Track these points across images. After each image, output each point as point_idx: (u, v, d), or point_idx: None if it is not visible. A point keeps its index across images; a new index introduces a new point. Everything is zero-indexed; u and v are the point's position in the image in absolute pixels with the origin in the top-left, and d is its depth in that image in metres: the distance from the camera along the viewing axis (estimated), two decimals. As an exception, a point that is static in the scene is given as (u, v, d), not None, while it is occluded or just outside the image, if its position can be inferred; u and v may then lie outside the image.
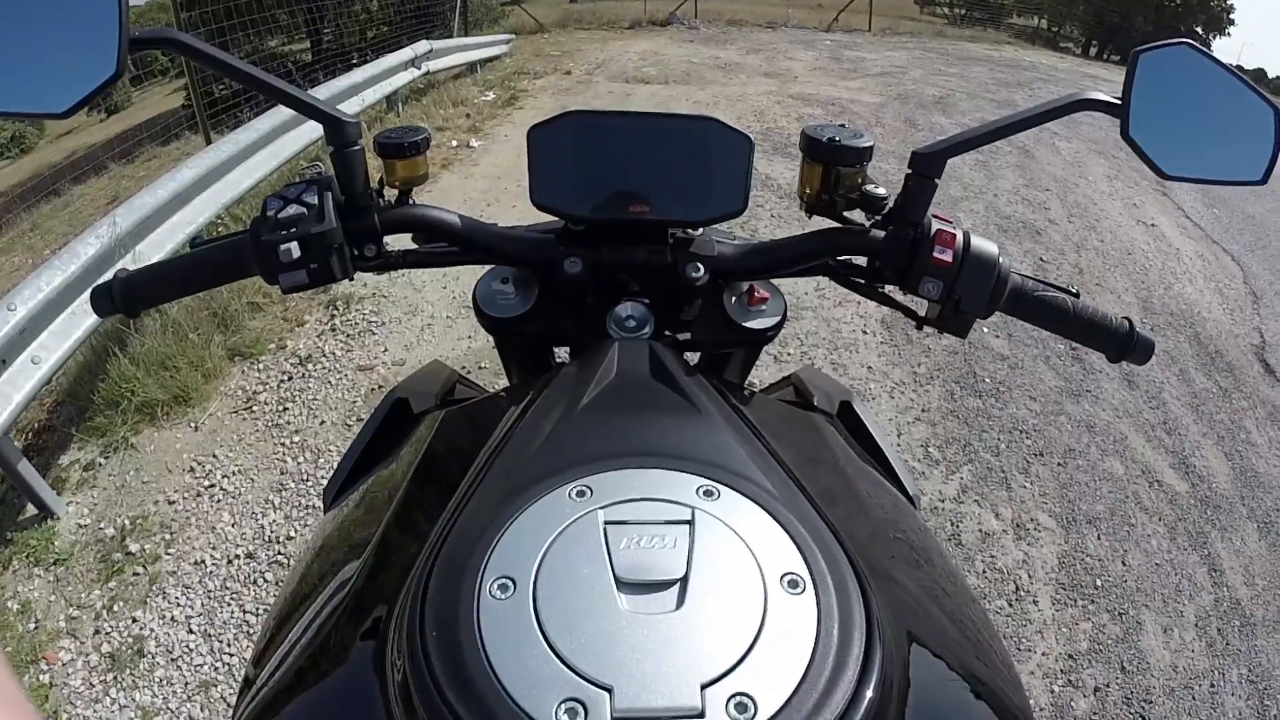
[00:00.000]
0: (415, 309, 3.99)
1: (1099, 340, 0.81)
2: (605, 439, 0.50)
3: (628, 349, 0.63)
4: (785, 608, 0.38)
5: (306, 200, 0.73)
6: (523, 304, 0.84)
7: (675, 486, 0.45)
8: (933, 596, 0.56)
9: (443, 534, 0.44)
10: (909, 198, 0.76)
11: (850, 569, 0.41)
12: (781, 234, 2.67)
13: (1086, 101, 0.75)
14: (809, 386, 0.93)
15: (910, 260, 0.76)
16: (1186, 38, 0.77)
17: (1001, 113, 6.51)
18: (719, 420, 0.53)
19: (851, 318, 4.05)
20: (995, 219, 5.72)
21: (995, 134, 0.76)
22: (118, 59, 0.66)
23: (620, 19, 15.66)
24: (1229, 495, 3.44)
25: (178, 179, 3.72)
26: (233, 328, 3.68)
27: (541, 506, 0.43)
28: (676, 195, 0.81)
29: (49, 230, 6.13)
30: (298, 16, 9.71)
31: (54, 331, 2.80)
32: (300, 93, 0.73)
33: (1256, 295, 5.53)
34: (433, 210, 0.81)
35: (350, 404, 3.33)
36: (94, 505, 2.84)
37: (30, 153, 12.94)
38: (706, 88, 9.35)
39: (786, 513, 0.44)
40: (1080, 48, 25.49)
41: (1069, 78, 13.61)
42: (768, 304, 0.85)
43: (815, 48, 13.39)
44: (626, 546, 0.41)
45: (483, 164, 6.18)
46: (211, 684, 2.22)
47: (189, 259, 0.78)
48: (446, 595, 0.39)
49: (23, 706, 0.40)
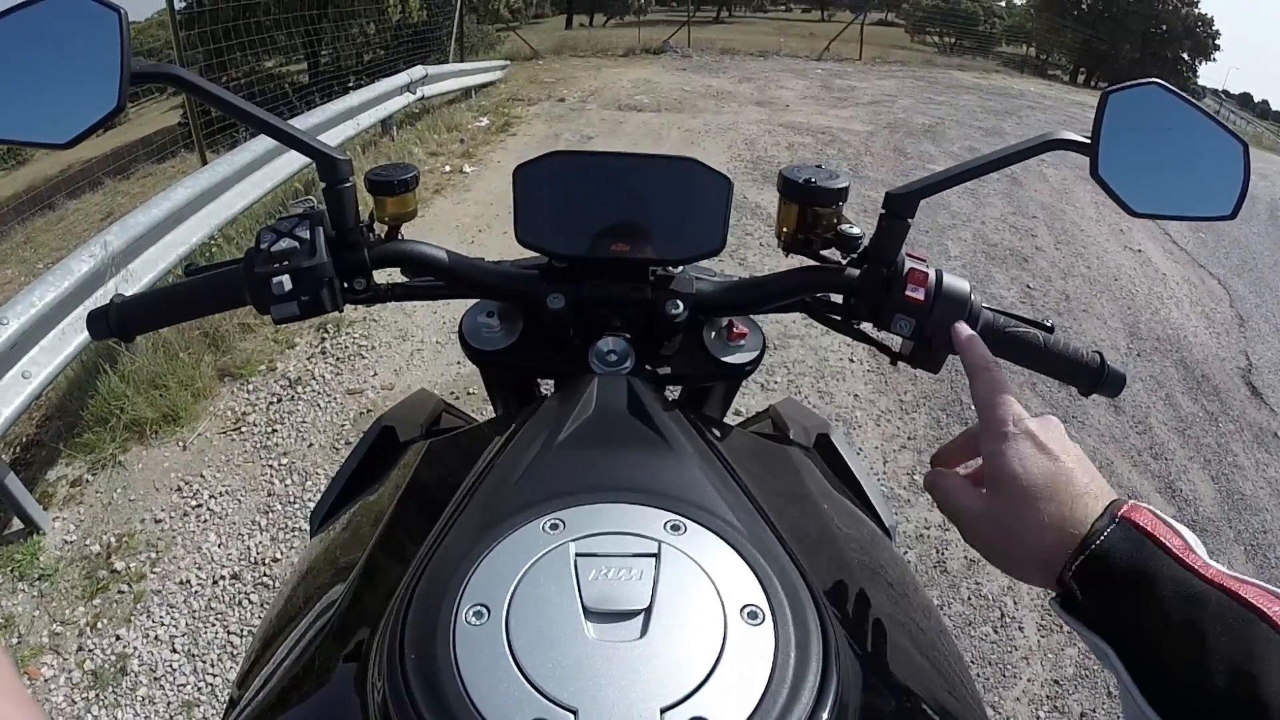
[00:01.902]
0: (405, 334, 4.01)
1: (1070, 374, 0.83)
2: (580, 474, 0.52)
3: (606, 384, 0.65)
4: (744, 637, 0.40)
5: (299, 234, 0.74)
6: (507, 337, 0.86)
7: (644, 521, 0.47)
8: (899, 626, 0.58)
9: (423, 562, 0.46)
10: (882, 237, 0.78)
11: (810, 601, 0.43)
12: (770, 260, 2.67)
13: (1057, 141, 0.76)
14: (786, 419, 0.95)
15: (884, 298, 0.78)
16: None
17: (989, 140, 6.57)
18: (690, 456, 0.55)
19: (838, 346, 4.08)
20: (983, 246, 5.77)
21: (967, 175, 0.77)
22: (119, 92, 0.68)
23: (614, 47, 15.83)
24: (1215, 519, 3.46)
25: (172, 198, 3.74)
26: (223, 348, 3.69)
27: (517, 538, 0.45)
28: (657, 234, 0.83)
29: (43, 244, 6.12)
30: (295, 39, 9.76)
31: (45, 347, 2.80)
32: (295, 130, 0.75)
33: (1243, 319, 5.58)
34: (421, 246, 0.83)
35: (339, 427, 3.33)
36: (80, 521, 2.83)
37: (26, 165, 12.91)
38: (699, 116, 9.44)
39: (750, 547, 0.46)
40: (1068, 75, 25.85)
41: (1056, 105, 13.78)
42: (746, 339, 0.87)
43: (806, 76, 13.54)
44: (595, 578, 0.42)
45: (475, 190, 6.21)
46: (194, 704, 2.21)
47: (185, 287, 0.80)
48: (425, 621, 0.41)
49: (24, 699, 0.42)
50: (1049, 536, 0.48)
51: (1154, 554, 0.43)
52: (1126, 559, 0.44)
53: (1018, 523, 0.50)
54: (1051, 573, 0.48)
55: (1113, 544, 0.45)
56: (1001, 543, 0.52)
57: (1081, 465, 0.51)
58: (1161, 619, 0.41)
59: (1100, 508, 0.47)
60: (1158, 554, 0.43)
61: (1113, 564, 0.44)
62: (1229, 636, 0.39)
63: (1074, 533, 0.47)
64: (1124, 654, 0.43)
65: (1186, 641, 0.40)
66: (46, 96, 0.69)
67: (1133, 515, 0.46)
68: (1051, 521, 0.48)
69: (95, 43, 0.68)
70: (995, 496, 0.53)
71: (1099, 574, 0.45)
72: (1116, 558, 0.44)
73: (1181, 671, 0.40)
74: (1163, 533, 0.44)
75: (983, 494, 0.54)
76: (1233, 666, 0.38)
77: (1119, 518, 0.46)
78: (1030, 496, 0.50)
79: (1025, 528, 0.50)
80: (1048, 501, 0.49)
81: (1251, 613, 0.39)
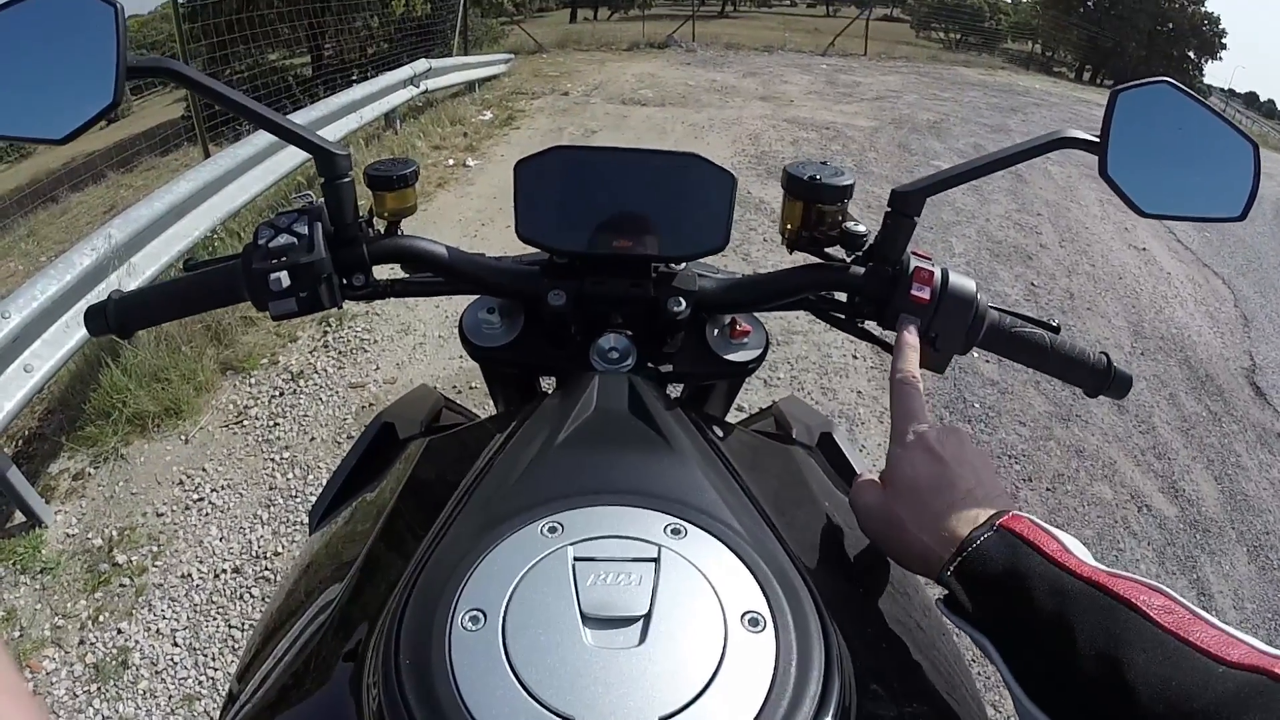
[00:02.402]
0: (408, 328, 4.00)
1: (1077, 376, 0.82)
2: (579, 475, 0.51)
3: (607, 382, 0.65)
4: (745, 645, 0.39)
5: (297, 230, 0.74)
6: (508, 334, 0.85)
7: (644, 524, 0.46)
8: (902, 630, 0.57)
9: (420, 564, 0.46)
10: (888, 235, 0.77)
11: (813, 607, 0.43)
12: (774, 255, 2.65)
13: (1066, 140, 0.75)
14: (789, 418, 0.94)
15: (888, 297, 0.77)
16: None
17: (994, 137, 6.55)
18: (692, 457, 0.54)
19: (841, 342, 4.07)
20: (987, 244, 5.76)
21: (974, 173, 0.77)
22: (115, 87, 0.67)
23: (618, 41, 15.80)
24: (1218, 519, 3.46)
25: (175, 192, 3.74)
26: (225, 342, 3.69)
27: (514, 541, 0.44)
28: (659, 231, 0.82)
29: (45, 237, 6.12)
30: (299, 31, 9.74)
31: (47, 340, 2.81)
32: (293, 124, 0.75)
33: (1247, 319, 5.57)
34: (421, 241, 0.83)
35: (340, 421, 3.33)
36: (82, 515, 2.83)
37: (29, 158, 12.92)
38: (703, 110, 9.41)
39: (752, 551, 0.45)
40: (1074, 72, 25.75)
41: (1062, 102, 13.74)
42: (749, 337, 0.86)
43: (811, 72, 13.50)
44: (593, 583, 0.42)
45: (478, 183, 6.21)
46: (195, 698, 2.21)
47: (182, 283, 0.79)
48: (420, 625, 0.40)
49: (24, 695, 0.41)
50: (928, 536, 0.52)
51: (1027, 555, 0.46)
52: (1001, 561, 0.47)
53: (904, 519, 0.55)
54: (932, 568, 0.52)
55: (989, 548, 0.48)
56: (888, 535, 0.57)
57: (972, 474, 0.55)
58: (1033, 614, 0.44)
59: (984, 516, 0.50)
60: (1031, 555, 0.46)
61: (989, 565, 0.47)
62: (1095, 626, 0.41)
63: (954, 535, 0.50)
64: (1002, 648, 0.46)
65: (1057, 633, 0.42)
66: (42, 91, 0.68)
67: (1011, 524, 0.48)
68: (932, 522, 0.53)
69: (91, 37, 0.67)
70: (891, 495, 0.57)
71: (976, 574, 0.48)
72: (992, 560, 0.47)
73: (1053, 662, 0.42)
74: (1039, 538, 0.47)
75: (884, 492, 0.58)
76: (1099, 653, 0.40)
77: (997, 526, 0.49)
78: (916, 497, 0.55)
79: (908, 525, 0.54)
80: (931, 503, 0.54)
81: (1119, 602, 0.42)
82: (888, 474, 0.59)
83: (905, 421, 0.61)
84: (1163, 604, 0.41)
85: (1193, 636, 0.39)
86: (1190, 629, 0.40)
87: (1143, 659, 0.39)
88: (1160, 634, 0.40)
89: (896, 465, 0.58)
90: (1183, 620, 0.40)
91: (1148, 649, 0.39)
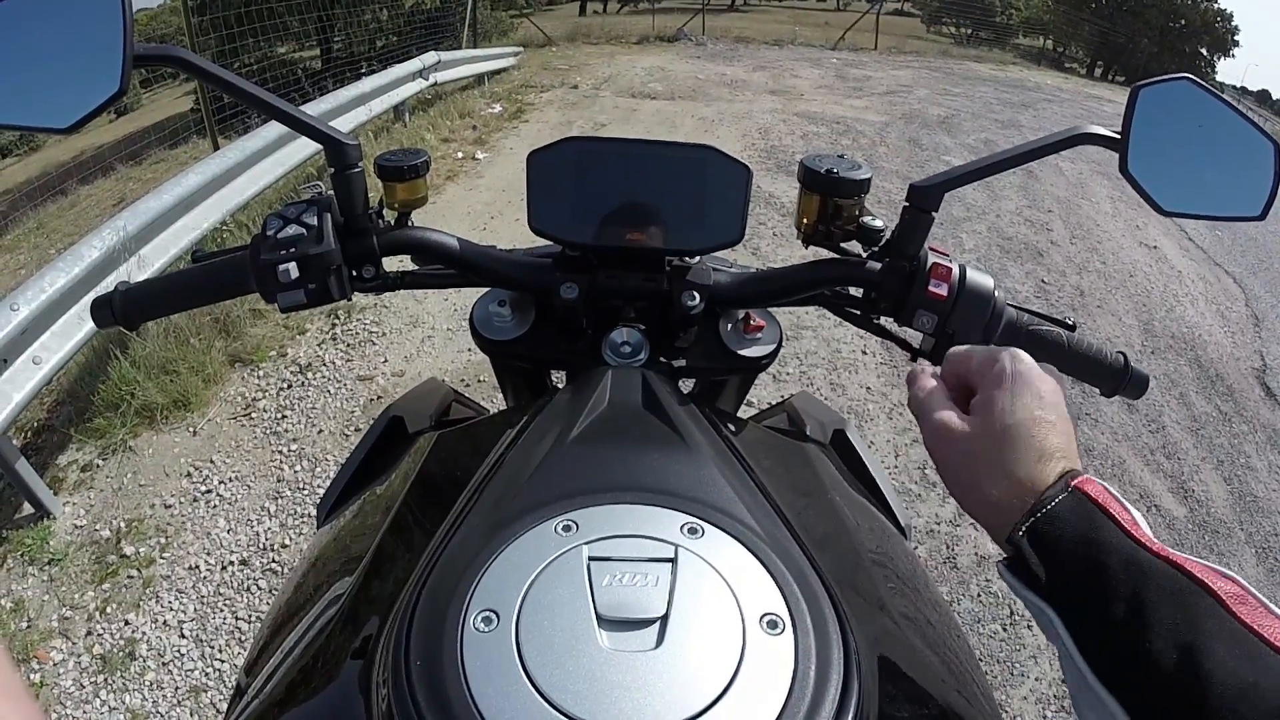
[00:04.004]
0: (416, 320, 4.00)
1: (1094, 375, 0.81)
2: (593, 472, 0.51)
3: (620, 377, 0.64)
4: (763, 648, 0.39)
5: (306, 221, 0.73)
6: (519, 327, 0.85)
7: (660, 523, 0.45)
8: (915, 629, 0.57)
9: (430, 562, 0.45)
10: (905, 230, 0.76)
11: (831, 609, 0.42)
12: (784, 250, 2.63)
13: (1085, 136, 0.74)
14: (802, 415, 0.93)
15: (905, 293, 0.77)
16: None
17: (1005, 133, 6.50)
18: (707, 454, 0.54)
19: (851, 338, 4.05)
20: (998, 240, 5.73)
21: (993, 168, 0.76)
22: (122, 75, 0.66)
23: (628, 34, 15.76)
24: (1227, 520, 3.43)
25: (184, 184, 3.74)
26: (234, 334, 3.69)
27: (527, 540, 0.44)
28: (673, 223, 0.81)
29: (54, 230, 6.14)
30: (308, 24, 9.74)
31: (56, 332, 2.81)
32: (302, 114, 0.74)
33: (1258, 318, 5.53)
34: (431, 233, 0.82)
35: (349, 414, 3.33)
36: (90, 506, 2.84)
37: (39, 151, 12.97)
38: (712, 104, 9.39)
39: (769, 551, 0.44)
40: (1085, 68, 25.59)
41: (1074, 98, 13.66)
42: (763, 332, 0.86)
43: (821, 65, 13.45)
44: (609, 583, 0.41)
45: (487, 176, 6.20)
46: (202, 689, 2.21)
47: (189, 275, 0.79)
48: (432, 625, 0.40)
49: (22, 698, 0.41)
50: (1007, 485, 0.48)
51: (1103, 523, 0.44)
52: (1075, 526, 0.44)
53: (988, 459, 0.50)
54: (1000, 524, 0.48)
55: (1062, 511, 0.45)
56: (968, 475, 0.52)
57: (1063, 429, 0.51)
58: (1107, 587, 0.42)
59: (1056, 473, 0.48)
60: (1106, 524, 0.44)
61: (1061, 530, 0.45)
62: (1173, 608, 0.39)
63: (1030, 489, 0.47)
64: (1068, 621, 0.43)
65: (1131, 610, 0.40)
66: (47, 80, 0.68)
67: (1084, 486, 0.46)
68: (1015, 470, 0.48)
69: (97, 25, 0.67)
70: (976, 427, 0.52)
71: (1047, 538, 0.45)
72: (1065, 524, 0.45)
73: (1125, 640, 0.40)
74: (1112, 506, 0.45)
75: (965, 418, 0.54)
76: (1177, 638, 0.38)
77: (1071, 486, 0.46)
78: (1008, 438, 0.50)
79: (993, 468, 0.50)
80: (1021, 450, 0.49)
81: (1198, 586, 0.40)
82: (982, 400, 0.53)
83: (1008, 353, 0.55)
84: (1236, 592, 0.39)
85: (1266, 631, 0.38)
86: (1263, 622, 0.38)
87: (1220, 649, 0.37)
88: (1237, 626, 0.38)
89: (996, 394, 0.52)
90: (1256, 612, 0.39)
91: (1225, 640, 0.37)
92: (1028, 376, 0.52)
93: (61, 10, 0.67)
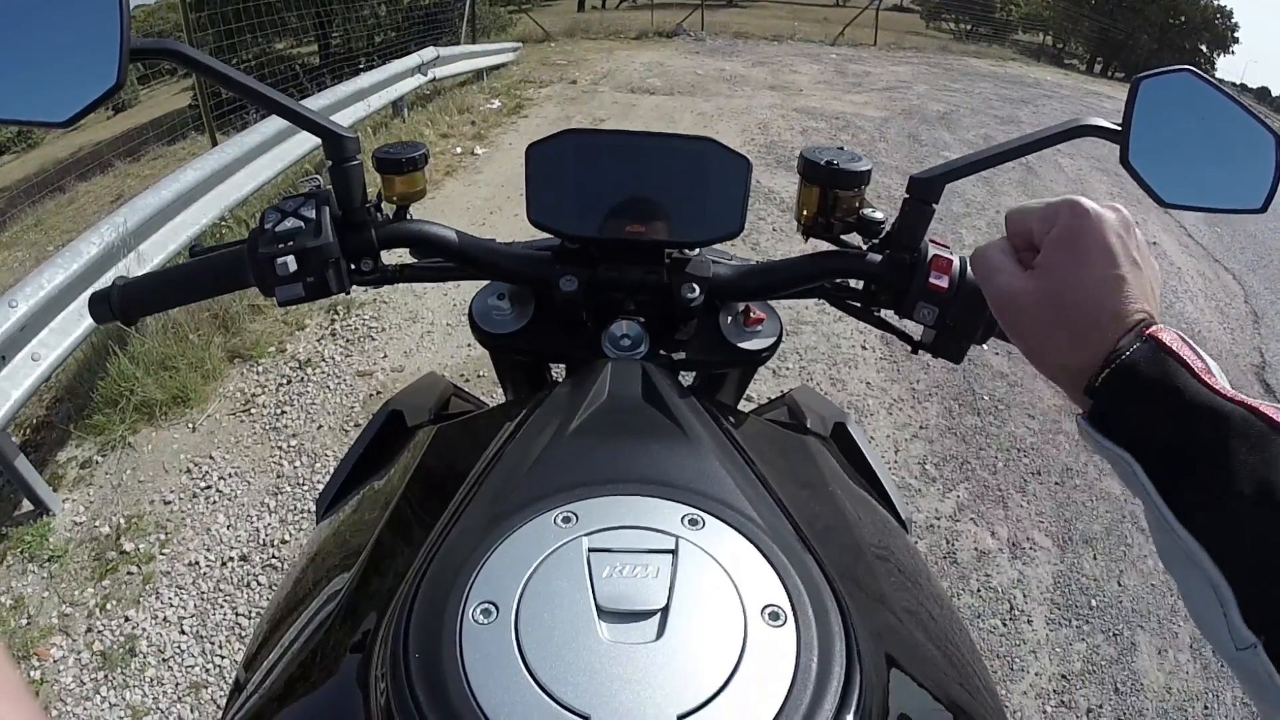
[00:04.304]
0: (415, 315, 4.00)
1: None
2: (593, 464, 0.50)
3: (620, 369, 0.63)
4: (765, 640, 0.38)
5: (304, 214, 0.73)
6: (518, 320, 0.84)
7: (660, 514, 0.45)
8: (918, 622, 0.56)
9: (429, 555, 0.45)
10: (906, 222, 0.76)
11: (833, 600, 0.41)
12: (783, 245, 2.62)
13: (1086, 128, 0.74)
14: (803, 408, 0.93)
15: (906, 285, 0.76)
16: (1190, 60, 0.75)
17: (1005, 129, 6.52)
18: (708, 446, 0.53)
19: (851, 333, 4.05)
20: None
21: (994, 159, 0.75)
22: (119, 69, 0.65)
23: (627, 29, 15.73)
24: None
25: (182, 180, 3.74)
26: (233, 330, 3.69)
27: (527, 532, 0.43)
28: (673, 215, 0.81)
29: (53, 226, 6.13)
30: (306, 20, 9.72)
31: (54, 329, 2.81)
32: (300, 106, 0.73)
33: (1257, 315, 5.53)
34: (430, 226, 0.81)
35: (348, 409, 3.33)
36: (90, 503, 2.83)
37: (37, 148, 12.94)
38: (711, 99, 9.37)
39: (770, 542, 0.44)
40: (1085, 65, 25.57)
41: (1073, 94, 13.65)
42: (763, 325, 0.85)
43: (821, 61, 13.43)
44: (609, 575, 0.41)
45: (486, 172, 6.19)
46: (202, 685, 2.21)
47: (186, 269, 0.78)
48: (430, 618, 0.39)
49: (22, 696, 0.40)
50: (1080, 344, 0.48)
51: (1177, 371, 0.44)
52: (1152, 374, 0.44)
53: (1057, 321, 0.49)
54: (1076, 379, 0.48)
55: (1138, 359, 0.45)
56: (1035, 339, 0.51)
57: (1134, 278, 0.49)
58: (1186, 431, 0.42)
59: (1132, 321, 0.47)
60: (1181, 372, 0.43)
61: (1138, 378, 0.45)
62: (1251, 449, 0.39)
63: (1103, 344, 0.47)
64: (1149, 466, 0.44)
65: (1211, 452, 0.41)
66: (44, 74, 0.67)
67: (1159, 335, 0.45)
68: (1087, 329, 0.48)
69: (94, 19, 0.66)
70: (1042, 288, 0.51)
71: (1124, 387, 0.45)
72: (1142, 373, 0.44)
73: (1206, 482, 0.41)
74: (1187, 354, 0.44)
75: (1030, 276, 0.52)
76: (1257, 477, 0.39)
77: (1146, 335, 0.46)
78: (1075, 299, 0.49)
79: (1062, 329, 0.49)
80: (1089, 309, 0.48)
81: (1272, 429, 0.40)
82: (1044, 264, 0.51)
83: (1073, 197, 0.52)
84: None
85: None
86: None
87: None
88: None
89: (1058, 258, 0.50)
90: None
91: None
92: (1092, 229, 0.50)
93: (58, 4, 0.67)
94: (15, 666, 0.42)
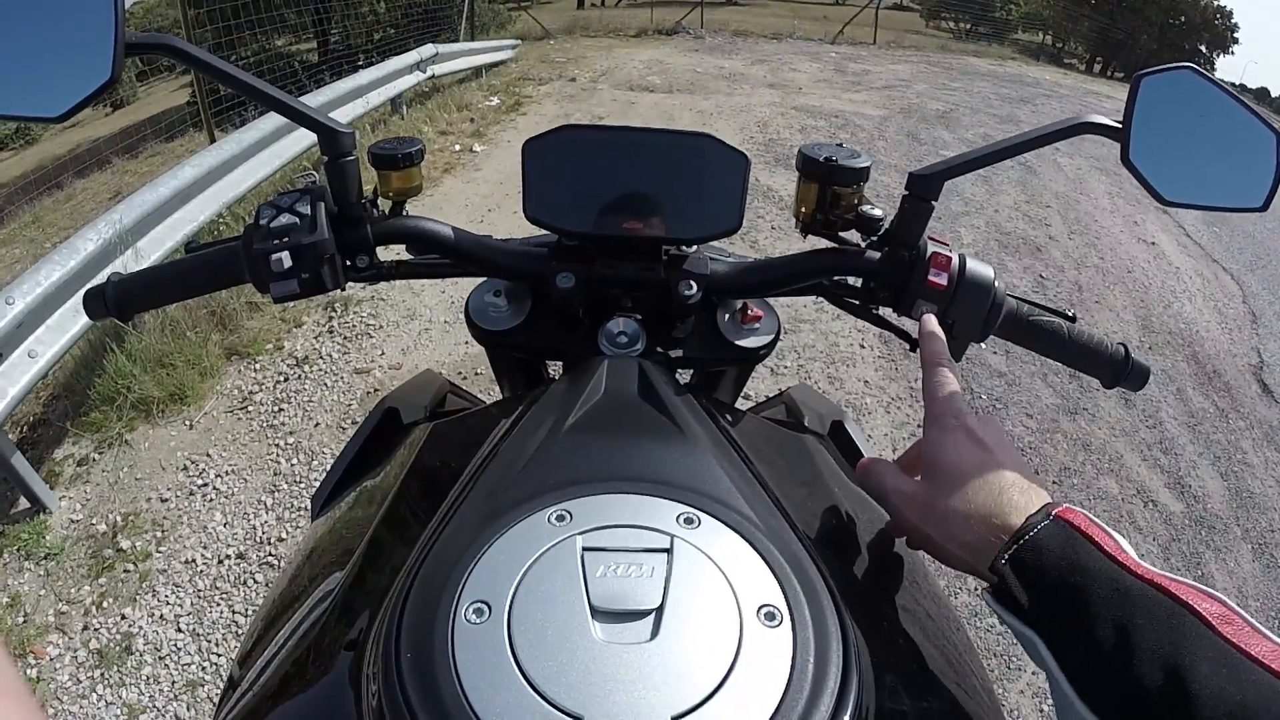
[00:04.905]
0: (413, 313, 3.99)
1: (1094, 366, 0.80)
2: (588, 462, 0.50)
3: (616, 367, 0.63)
4: (761, 641, 0.38)
5: (299, 210, 0.72)
6: (515, 317, 0.84)
7: (655, 513, 0.44)
8: (915, 622, 0.56)
9: (422, 553, 0.44)
10: (905, 219, 0.75)
11: (830, 601, 0.41)
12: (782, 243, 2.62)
13: (1087, 125, 0.74)
14: (800, 406, 0.93)
15: (905, 282, 0.76)
16: (1189, 61, 0.75)
17: (1004, 128, 6.52)
18: (704, 444, 0.53)
19: (849, 331, 4.05)
20: (996, 234, 5.72)
21: (994, 156, 0.75)
22: (113, 63, 0.65)
23: (626, 27, 15.72)
24: (1224, 516, 3.44)
25: (180, 177, 3.73)
26: (230, 327, 3.68)
27: (520, 530, 0.43)
28: (671, 212, 0.80)
29: (50, 223, 6.12)
30: (305, 16, 9.69)
31: (51, 326, 2.80)
32: (296, 101, 0.73)
33: (1255, 315, 5.53)
34: (426, 222, 0.81)
35: (345, 406, 3.33)
36: (86, 501, 2.83)
37: (34, 144, 12.91)
38: (710, 97, 9.36)
39: (767, 542, 0.43)
40: (1084, 64, 25.57)
41: (1072, 94, 13.65)
42: (761, 322, 0.85)
43: (820, 59, 13.42)
44: (603, 574, 0.40)
45: (485, 169, 6.19)
46: (199, 683, 2.21)
47: (182, 265, 0.78)
48: (422, 617, 0.39)
49: (20, 694, 0.40)
50: (978, 524, 0.50)
51: (1087, 549, 0.44)
52: (1059, 553, 0.45)
53: (949, 509, 0.52)
54: (981, 560, 0.49)
55: (1046, 537, 0.46)
56: (931, 527, 0.54)
57: (1015, 462, 0.52)
58: (1092, 612, 0.42)
59: (1036, 505, 0.48)
60: (1090, 550, 0.44)
61: (1045, 556, 0.45)
62: (1159, 630, 0.39)
63: (1006, 523, 0.48)
64: (1054, 647, 0.44)
65: (1117, 634, 0.40)
66: (37, 68, 0.66)
67: (1067, 515, 0.47)
68: (982, 510, 0.50)
69: (88, 13, 0.65)
70: (929, 484, 0.54)
71: (1031, 565, 0.45)
72: (1049, 551, 0.45)
73: (1112, 664, 0.40)
74: (1095, 533, 0.45)
75: (917, 481, 0.56)
76: (1162, 660, 0.38)
77: (1053, 515, 0.47)
78: (963, 484, 0.52)
79: (955, 514, 0.51)
80: (979, 491, 0.51)
81: (1182, 607, 0.40)
82: (927, 462, 0.56)
83: (943, 406, 0.58)
84: (1221, 612, 0.40)
85: (1252, 649, 0.38)
86: (1249, 641, 0.38)
87: (1206, 669, 0.37)
88: (1223, 645, 0.38)
89: (938, 451, 0.55)
90: (1241, 631, 0.39)
91: (1211, 660, 0.38)
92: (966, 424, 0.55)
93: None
94: (14, 664, 0.42)
